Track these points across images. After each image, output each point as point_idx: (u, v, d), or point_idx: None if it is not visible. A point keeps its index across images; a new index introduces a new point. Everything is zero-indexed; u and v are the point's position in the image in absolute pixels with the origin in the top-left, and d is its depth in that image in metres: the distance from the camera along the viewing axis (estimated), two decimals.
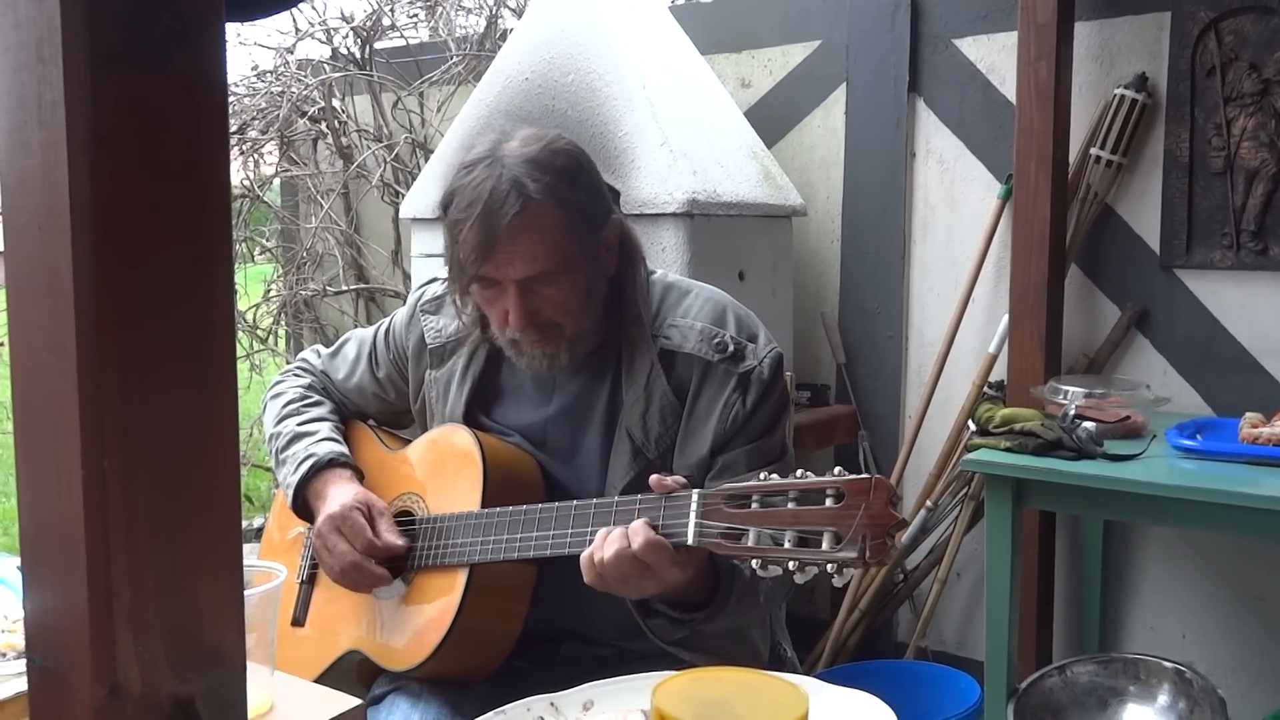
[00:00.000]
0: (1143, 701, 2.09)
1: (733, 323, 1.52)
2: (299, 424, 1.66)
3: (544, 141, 1.47)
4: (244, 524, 3.51)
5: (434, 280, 1.71)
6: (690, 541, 1.23)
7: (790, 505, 1.17)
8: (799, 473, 1.19)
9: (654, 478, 1.30)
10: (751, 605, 1.40)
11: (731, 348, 1.48)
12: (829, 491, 1.15)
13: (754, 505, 1.19)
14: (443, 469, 1.55)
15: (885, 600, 2.91)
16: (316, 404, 1.71)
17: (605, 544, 1.27)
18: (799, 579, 1.15)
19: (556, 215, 1.42)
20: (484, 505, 1.45)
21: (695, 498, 1.24)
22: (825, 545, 1.13)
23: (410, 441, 1.66)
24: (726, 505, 1.21)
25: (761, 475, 1.21)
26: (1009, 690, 2.17)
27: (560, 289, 1.45)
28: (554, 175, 1.43)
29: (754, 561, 1.17)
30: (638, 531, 1.24)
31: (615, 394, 1.52)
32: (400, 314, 1.73)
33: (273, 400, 1.73)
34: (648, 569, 1.25)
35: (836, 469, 1.17)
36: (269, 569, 1.16)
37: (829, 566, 1.12)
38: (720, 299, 1.56)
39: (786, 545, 1.15)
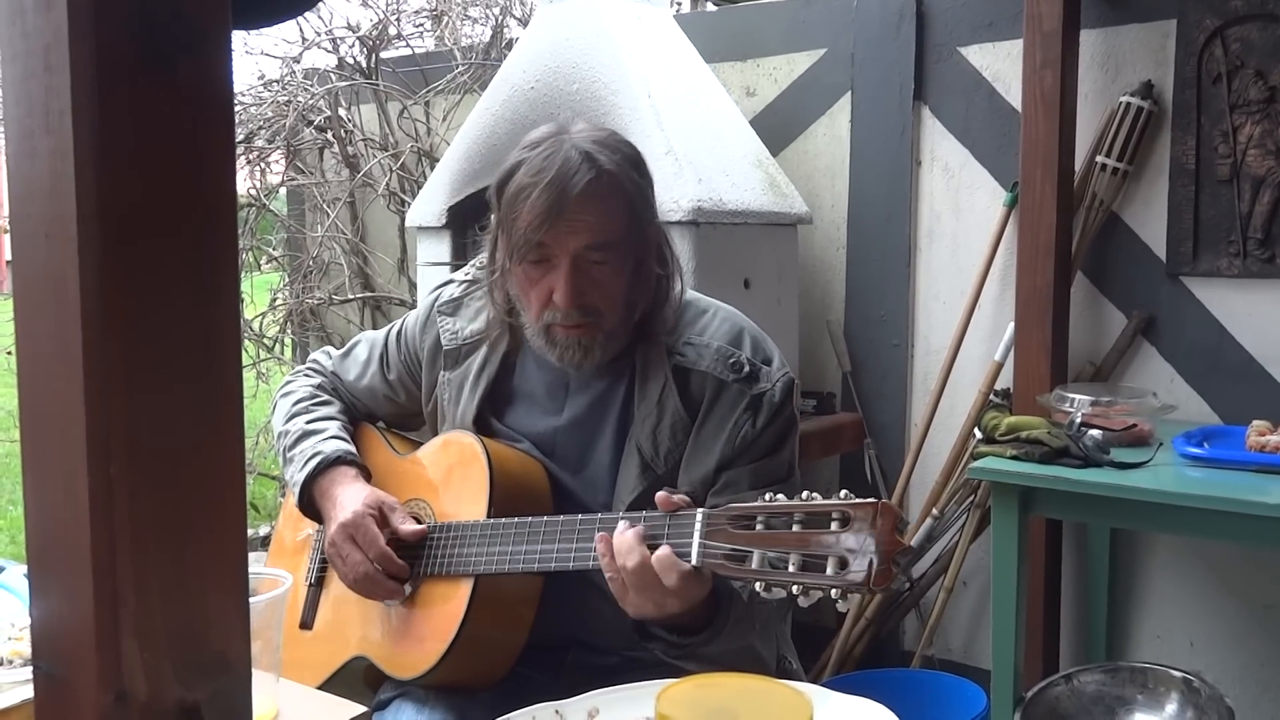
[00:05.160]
0: (1150, 711, 2.08)
1: (749, 344, 1.51)
2: (307, 422, 1.66)
3: (607, 131, 1.52)
4: (250, 532, 3.51)
5: (450, 282, 1.71)
6: (694, 561, 1.22)
7: (795, 528, 1.16)
8: (805, 495, 1.18)
9: (660, 495, 1.29)
10: (748, 630, 1.39)
11: (747, 369, 1.48)
12: (835, 515, 1.14)
13: (759, 527, 1.19)
14: (450, 476, 1.55)
15: (891, 609, 2.91)
16: (326, 403, 1.71)
17: (626, 553, 1.26)
18: (803, 602, 1.14)
19: (625, 189, 1.45)
20: (491, 514, 1.45)
21: (700, 517, 1.24)
22: (830, 570, 1.12)
23: (419, 446, 1.66)
24: (731, 526, 1.20)
25: (767, 496, 1.20)
26: (1015, 699, 2.16)
27: (611, 270, 1.45)
28: (622, 155, 1.47)
29: (758, 584, 1.16)
30: (668, 565, 1.23)
31: (627, 407, 1.52)
32: (413, 316, 1.72)
33: (283, 399, 1.73)
34: (674, 593, 1.25)
35: (843, 492, 1.16)
36: (275, 576, 1.16)
37: (833, 592, 1.12)
38: (738, 320, 1.56)
39: (791, 569, 1.14)
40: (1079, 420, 2.20)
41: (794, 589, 1.13)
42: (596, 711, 1.11)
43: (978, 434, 2.33)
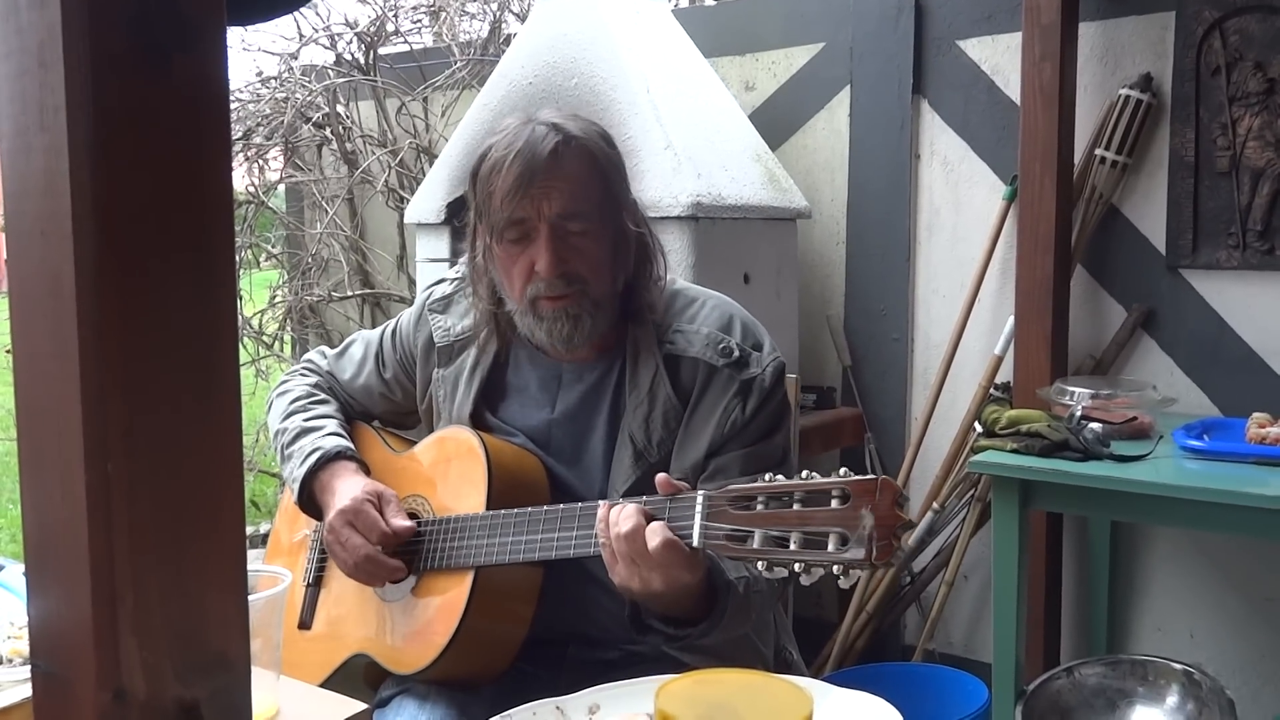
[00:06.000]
0: (1151, 703, 2.08)
1: (739, 330, 1.52)
2: (305, 420, 1.66)
3: (573, 112, 1.55)
4: (249, 529, 3.52)
5: (441, 281, 1.72)
6: (696, 543, 1.22)
7: (796, 506, 1.16)
8: (804, 474, 1.18)
9: (661, 477, 1.29)
10: (743, 621, 1.39)
11: (736, 354, 1.48)
12: (835, 492, 1.14)
13: (759, 507, 1.19)
14: (448, 471, 1.55)
15: (892, 602, 2.91)
16: (323, 402, 1.72)
17: (623, 520, 1.26)
18: (805, 580, 1.14)
19: (595, 155, 1.47)
20: (489, 507, 1.46)
21: (700, 499, 1.24)
22: (831, 547, 1.12)
23: (415, 443, 1.66)
24: (732, 507, 1.21)
25: (767, 476, 1.20)
26: (1017, 692, 2.17)
27: (590, 239, 1.46)
28: (590, 126, 1.51)
29: (760, 563, 1.16)
30: (655, 531, 1.24)
31: (619, 398, 1.52)
32: (407, 315, 1.73)
33: (279, 398, 1.74)
34: (658, 566, 1.25)
35: (842, 469, 1.16)
36: (274, 574, 1.16)
37: (835, 568, 1.12)
38: (727, 306, 1.56)
39: (792, 547, 1.14)
40: (1079, 413, 2.20)
41: (796, 567, 1.13)
42: (597, 708, 1.11)
43: (978, 428, 2.33)
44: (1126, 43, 2.63)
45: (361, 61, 4.10)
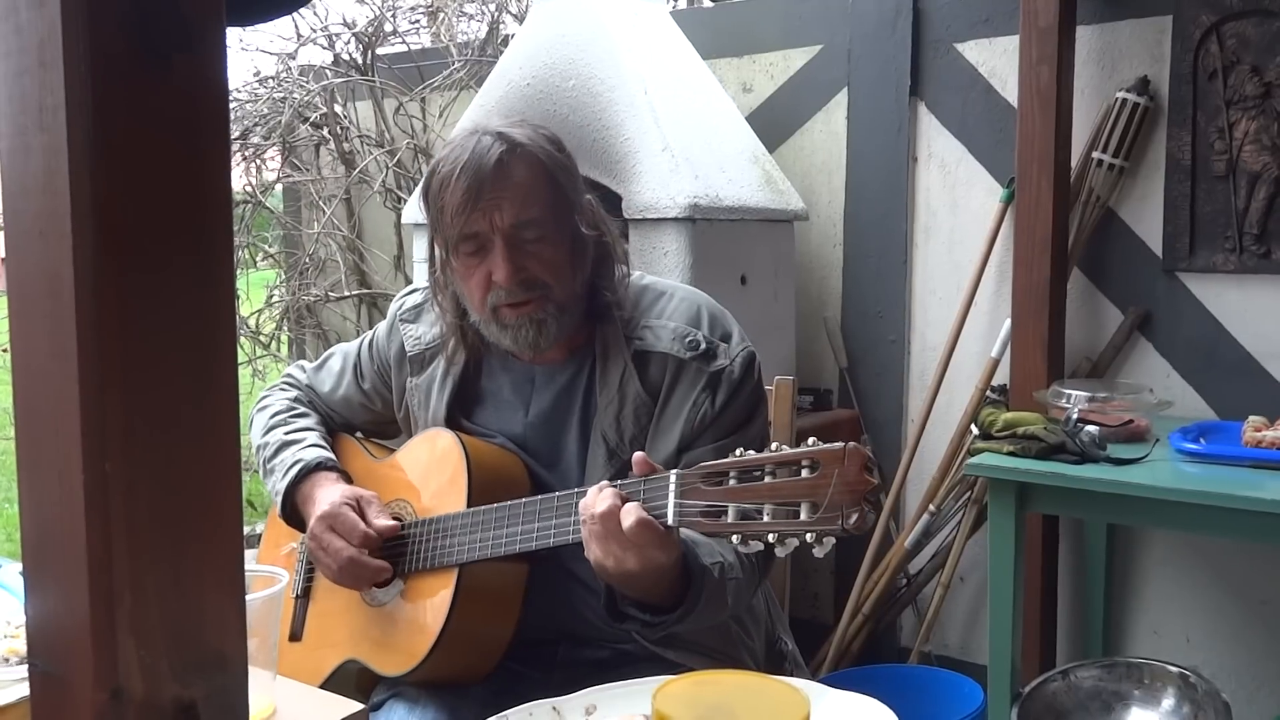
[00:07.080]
0: (1147, 706, 2.09)
1: (706, 322, 1.51)
2: (286, 433, 1.67)
3: (524, 119, 1.54)
4: (246, 529, 3.51)
5: (413, 291, 1.73)
6: (671, 521, 1.23)
7: (767, 479, 1.17)
8: (774, 446, 1.19)
9: (638, 456, 1.29)
10: (719, 608, 1.39)
11: (704, 346, 1.48)
12: (804, 462, 1.15)
13: (731, 482, 1.19)
14: (429, 473, 1.56)
15: (889, 604, 2.91)
16: (303, 415, 1.73)
17: (598, 500, 1.27)
18: (780, 552, 1.15)
19: (543, 164, 1.46)
20: (470, 505, 1.46)
21: (673, 478, 1.24)
22: (804, 516, 1.13)
23: (396, 450, 1.67)
24: (704, 483, 1.21)
25: (738, 452, 1.21)
26: (1012, 695, 2.17)
27: (547, 244, 1.46)
28: (538, 132, 1.50)
29: (734, 538, 1.17)
30: (630, 511, 1.24)
31: (590, 397, 1.52)
32: (382, 325, 1.74)
33: (259, 413, 1.75)
34: (633, 545, 1.25)
35: (811, 439, 1.17)
36: (271, 573, 1.16)
37: (808, 536, 1.12)
38: (695, 299, 1.56)
39: (766, 519, 1.15)
40: (1075, 416, 2.20)
41: (770, 538, 1.13)
42: (594, 708, 1.11)
43: (974, 430, 2.33)
44: (1124, 46, 2.63)
45: (359, 62, 4.11)
